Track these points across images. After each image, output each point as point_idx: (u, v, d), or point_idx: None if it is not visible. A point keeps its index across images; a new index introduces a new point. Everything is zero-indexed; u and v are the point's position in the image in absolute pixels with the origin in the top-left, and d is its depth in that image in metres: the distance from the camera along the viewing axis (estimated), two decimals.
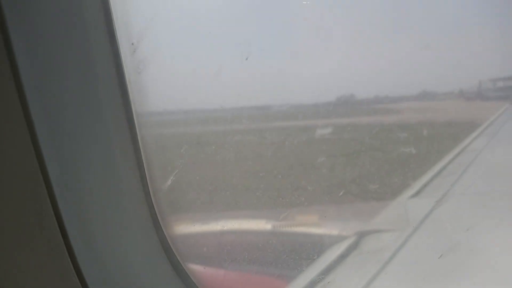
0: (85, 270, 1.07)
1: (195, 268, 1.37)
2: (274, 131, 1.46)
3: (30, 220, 1.04)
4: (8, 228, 1.06)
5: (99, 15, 1.11)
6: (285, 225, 1.49)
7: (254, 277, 1.49)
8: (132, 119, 1.24)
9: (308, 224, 1.50)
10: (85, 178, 1.13)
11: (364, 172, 1.55)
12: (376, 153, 1.52)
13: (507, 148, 1.88)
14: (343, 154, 1.53)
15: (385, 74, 1.50)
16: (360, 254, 1.56)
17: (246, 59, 1.21)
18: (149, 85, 1.23)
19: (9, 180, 1.03)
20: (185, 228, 1.41)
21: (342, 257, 1.54)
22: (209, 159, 1.39)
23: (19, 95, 0.95)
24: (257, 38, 1.25)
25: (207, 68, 1.26)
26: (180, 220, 1.40)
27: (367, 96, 1.55)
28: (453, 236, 1.52)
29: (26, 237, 1.06)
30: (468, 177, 1.74)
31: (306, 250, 1.50)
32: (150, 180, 1.29)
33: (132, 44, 1.18)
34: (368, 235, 1.62)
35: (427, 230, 1.54)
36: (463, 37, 1.51)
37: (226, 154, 1.38)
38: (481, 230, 1.48)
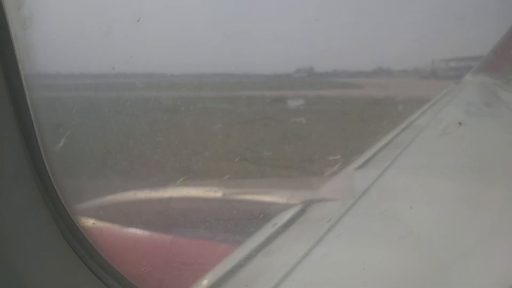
0: None
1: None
2: (170, 98, 1.47)
3: None
4: None
5: None
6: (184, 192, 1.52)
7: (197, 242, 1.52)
8: (20, 79, 1.21)
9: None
10: None
11: None
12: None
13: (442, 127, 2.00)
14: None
15: (344, 50, 1.55)
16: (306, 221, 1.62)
17: (138, 20, 1.23)
18: (36, 43, 1.21)
19: None
20: (80, 193, 1.40)
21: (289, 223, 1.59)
22: (103, 123, 1.39)
23: None
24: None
25: (97, 28, 1.25)
26: (75, 185, 1.39)
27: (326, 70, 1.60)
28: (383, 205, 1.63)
29: None
30: (410, 151, 1.85)
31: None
32: (41, 142, 1.27)
33: None
34: (314, 203, 1.67)
35: (368, 199, 1.62)
36: (419, 18, 1.58)
37: (120, 119, 1.38)
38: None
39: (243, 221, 1.56)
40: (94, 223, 1.41)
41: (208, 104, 1.51)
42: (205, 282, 1.56)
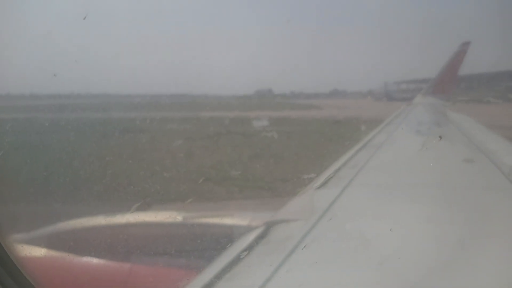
0: None
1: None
2: (122, 118, 1.31)
3: None
4: None
5: None
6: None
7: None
8: None
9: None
10: None
11: None
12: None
13: (400, 146, 2.05)
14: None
15: (301, 72, 1.58)
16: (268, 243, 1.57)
17: (84, 18, 1.04)
18: None
19: None
20: (20, 224, 1.19)
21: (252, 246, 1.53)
22: (42, 141, 1.18)
23: None
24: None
25: (39, 23, 1.07)
26: (13, 215, 1.17)
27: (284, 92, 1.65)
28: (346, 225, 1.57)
29: None
30: (367, 170, 1.85)
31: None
32: None
33: None
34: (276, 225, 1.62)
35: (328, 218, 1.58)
36: (371, 42, 1.69)
37: (63, 136, 1.19)
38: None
39: (208, 249, 1.41)
40: (30, 253, 1.18)
41: (168, 123, 1.38)
42: None
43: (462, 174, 1.81)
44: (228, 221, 1.60)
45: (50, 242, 1.28)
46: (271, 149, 1.45)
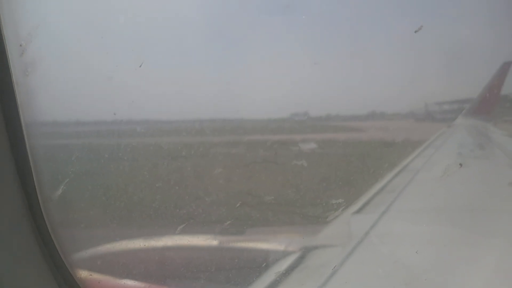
0: None
1: None
2: (172, 144, 1.46)
3: None
4: None
5: None
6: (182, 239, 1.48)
7: None
8: (20, 127, 1.19)
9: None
10: None
11: None
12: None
13: (439, 169, 2.02)
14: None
15: (339, 93, 1.57)
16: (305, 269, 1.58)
17: (140, 66, 1.23)
18: (37, 89, 1.20)
19: None
20: (78, 242, 1.35)
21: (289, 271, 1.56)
22: (103, 170, 1.36)
23: None
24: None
25: (99, 73, 1.25)
26: (72, 234, 1.34)
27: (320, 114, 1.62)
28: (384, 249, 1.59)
29: None
30: (407, 195, 1.83)
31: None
32: (39, 190, 1.24)
33: (21, 45, 1.15)
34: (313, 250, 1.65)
35: (367, 245, 1.59)
36: (412, 62, 1.61)
37: (120, 165, 1.36)
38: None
39: (245, 269, 1.52)
40: (91, 275, 1.35)
41: (209, 148, 1.50)
42: None
43: (507, 199, 1.73)
44: (264, 245, 1.63)
45: (105, 263, 1.44)
46: (301, 177, 1.54)
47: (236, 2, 1.50)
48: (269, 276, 1.57)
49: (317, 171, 1.58)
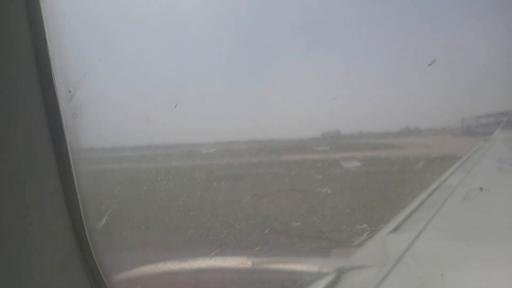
0: None
1: None
2: (204, 176, 1.56)
3: None
4: None
5: (37, 64, 1.20)
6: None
7: None
8: (70, 166, 1.31)
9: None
10: (19, 221, 1.17)
11: None
12: None
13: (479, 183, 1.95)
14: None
15: (370, 111, 1.58)
16: None
17: (175, 106, 1.34)
18: (84, 131, 1.32)
19: None
20: (121, 268, 1.46)
21: None
22: (142, 200, 1.47)
23: None
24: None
25: (139, 114, 1.37)
26: (117, 260, 1.46)
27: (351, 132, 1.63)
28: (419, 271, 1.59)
29: None
30: (444, 212, 1.80)
31: None
32: (85, 220, 1.35)
33: (70, 91, 1.28)
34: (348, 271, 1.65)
35: (405, 265, 1.60)
36: (448, 76, 1.59)
37: (158, 196, 1.47)
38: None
39: None
40: None
41: (238, 172, 1.57)
42: None
43: None
44: (297, 267, 1.65)
45: (144, 286, 1.55)
46: (326, 203, 1.59)
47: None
48: None
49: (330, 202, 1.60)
